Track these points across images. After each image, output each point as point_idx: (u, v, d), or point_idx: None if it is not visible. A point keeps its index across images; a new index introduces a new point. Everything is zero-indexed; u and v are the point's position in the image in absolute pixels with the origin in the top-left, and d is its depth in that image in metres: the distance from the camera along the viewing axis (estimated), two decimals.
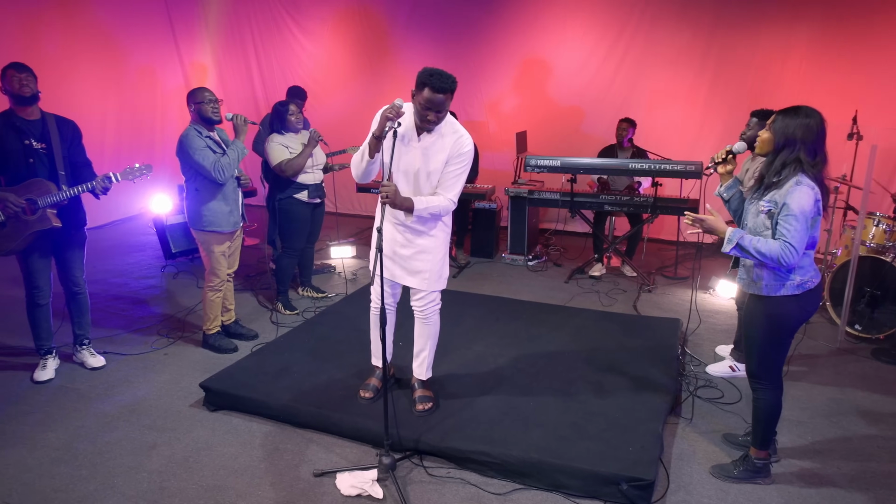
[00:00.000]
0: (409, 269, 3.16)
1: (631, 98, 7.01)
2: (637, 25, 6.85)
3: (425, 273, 3.15)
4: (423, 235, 3.12)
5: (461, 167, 3.00)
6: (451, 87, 2.81)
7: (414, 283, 3.18)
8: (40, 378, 3.83)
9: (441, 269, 3.22)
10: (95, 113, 7.57)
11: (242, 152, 3.95)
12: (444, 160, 2.96)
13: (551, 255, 6.66)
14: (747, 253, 2.66)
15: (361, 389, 3.39)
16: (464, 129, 3.02)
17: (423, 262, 3.14)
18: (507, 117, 7.59)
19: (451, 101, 2.86)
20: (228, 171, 3.87)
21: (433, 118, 2.85)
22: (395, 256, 3.16)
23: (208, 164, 3.82)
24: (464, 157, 2.98)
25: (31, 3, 6.66)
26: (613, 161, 5.50)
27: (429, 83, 2.77)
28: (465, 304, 4.86)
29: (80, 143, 3.79)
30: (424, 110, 2.83)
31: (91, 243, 6.96)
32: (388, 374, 3.47)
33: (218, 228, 3.98)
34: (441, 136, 2.96)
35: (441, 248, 3.20)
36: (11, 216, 3.51)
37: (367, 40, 8.00)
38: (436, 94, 2.78)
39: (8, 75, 3.51)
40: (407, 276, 3.18)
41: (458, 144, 2.95)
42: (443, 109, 2.84)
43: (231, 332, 4.44)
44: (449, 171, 2.98)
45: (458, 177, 3.01)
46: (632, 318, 4.73)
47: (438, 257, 3.19)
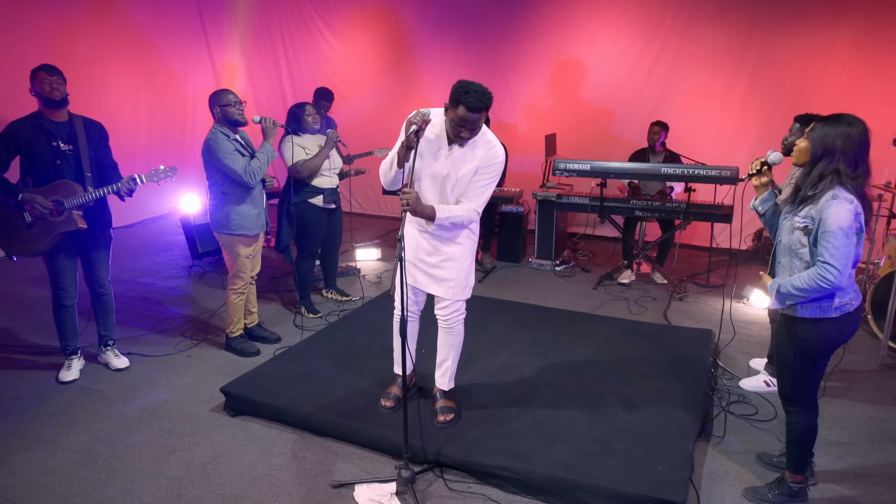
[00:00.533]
0: (435, 277, 3.09)
1: (664, 100, 6.83)
2: (672, 25, 6.68)
3: (451, 282, 3.08)
4: (449, 243, 3.05)
5: (490, 178, 2.92)
6: (487, 104, 2.72)
7: (439, 292, 3.11)
8: (65, 378, 3.85)
9: (467, 277, 3.14)
10: (127, 113, 7.66)
11: (272, 155, 3.92)
12: (474, 169, 2.88)
13: (579, 261, 6.52)
14: (790, 297, 2.52)
15: (382, 398, 3.33)
16: (496, 140, 2.93)
17: (449, 271, 3.07)
18: (537, 119, 7.47)
19: (486, 116, 2.79)
20: (259, 174, 3.85)
21: (467, 135, 2.78)
22: (420, 263, 3.10)
23: (239, 169, 3.80)
24: (494, 167, 2.90)
25: (65, 5, 6.75)
26: (645, 165, 5.35)
27: (464, 101, 2.68)
28: (490, 311, 4.77)
29: (106, 144, 3.80)
30: (458, 127, 2.76)
31: (121, 242, 7.13)
32: (410, 384, 3.41)
33: (246, 232, 3.96)
34: (473, 147, 2.88)
35: (468, 256, 3.12)
36: (38, 217, 3.53)
37: (396, 40, 7.95)
38: (471, 113, 2.69)
39: (39, 78, 3.53)
40: (432, 284, 3.11)
41: (489, 155, 2.87)
42: (477, 127, 2.76)
43: (254, 334, 4.42)
44: (477, 180, 2.90)
45: (486, 187, 2.93)
46: (661, 329, 4.58)
47: (465, 266, 3.11)
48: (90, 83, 7.09)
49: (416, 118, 2.73)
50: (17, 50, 6.26)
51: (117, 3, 7.35)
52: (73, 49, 6.86)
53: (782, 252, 2.65)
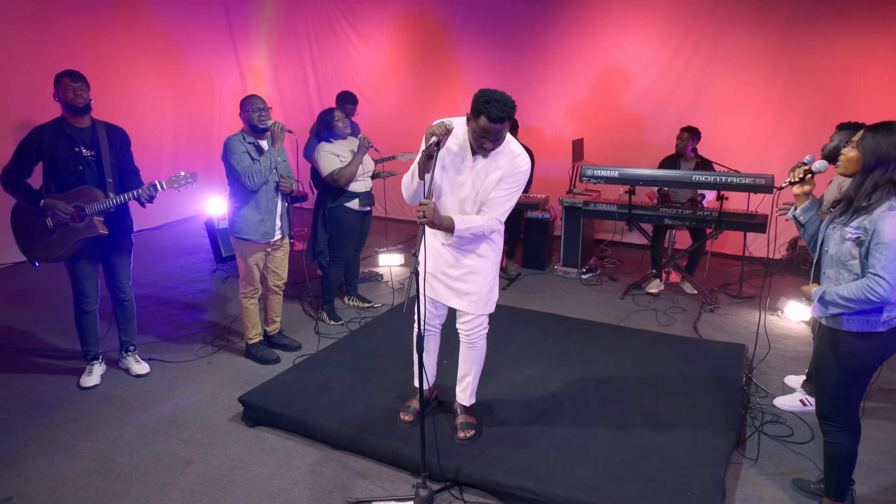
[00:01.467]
0: (456, 291, 2.99)
1: (696, 105, 6.65)
2: (704, 28, 6.49)
3: (473, 296, 2.98)
4: (471, 255, 2.94)
5: (513, 187, 2.81)
6: (510, 114, 2.62)
7: (461, 306, 3.01)
8: (86, 384, 3.84)
9: (490, 291, 3.04)
10: (155, 117, 7.72)
11: (275, 160, 3.89)
12: (497, 180, 2.78)
13: (606, 269, 6.38)
14: (835, 305, 2.41)
15: (402, 412, 3.24)
16: (521, 149, 2.83)
17: (472, 284, 2.97)
18: (564, 123, 7.34)
19: (509, 127, 2.69)
20: (259, 178, 3.82)
21: (490, 146, 2.69)
22: (441, 276, 3.00)
23: (241, 169, 3.82)
24: (518, 177, 2.79)
25: (94, 11, 6.81)
26: (676, 172, 5.19)
27: (485, 112, 2.58)
28: (513, 321, 4.66)
29: (128, 150, 3.79)
30: (480, 138, 2.66)
31: (147, 245, 7.17)
32: (431, 398, 3.32)
33: (246, 236, 3.94)
34: (496, 157, 2.78)
35: (491, 269, 3.02)
36: (60, 223, 3.53)
37: (421, 44, 7.88)
38: (493, 123, 2.59)
39: (63, 84, 3.52)
40: (453, 298, 3.01)
41: (513, 165, 2.77)
42: (500, 138, 2.67)
43: (274, 342, 4.38)
44: (500, 189, 2.80)
45: (508, 197, 2.83)
46: (691, 342, 4.43)
47: (488, 279, 3.00)
48: (118, 87, 7.15)
49: (438, 129, 2.65)
50: (48, 55, 6.34)
51: (146, 9, 7.41)
52: (102, 54, 6.94)
53: (828, 263, 2.52)
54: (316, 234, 4.73)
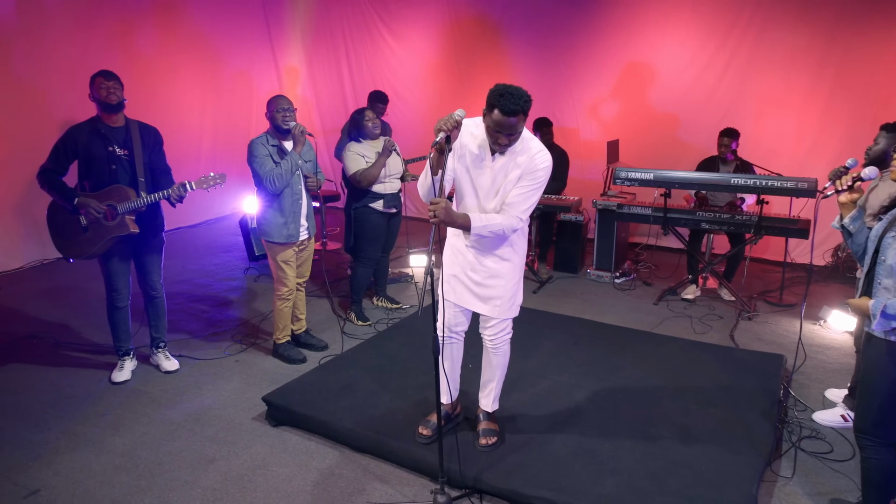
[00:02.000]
0: (480, 295, 2.92)
1: (737, 105, 6.45)
2: (747, 25, 6.28)
3: (497, 300, 2.91)
4: (494, 259, 2.87)
5: (534, 184, 2.73)
6: (524, 108, 2.57)
7: (484, 310, 2.94)
8: (117, 379, 3.92)
9: (514, 295, 2.96)
10: (194, 117, 7.86)
11: (296, 163, 3.88)
12: (517, 177, 2.72)
13: (641, 273, 6.22)
14: None
15: (421, 426, 3.12)
16: (541, 146, 2.76)
17: (495, 288, 2.89)
18: (600, 124, 7.20)
19: (524, 121, 2.63)
20: (280, 181, 3.83)
21: (505, 141, 2.63)
22: (464, 280, 2.94)
23: (262, 173, 3.83)
24: (538, 175, 2.72)
25: (134, 11, 6.97)
26: (714, 176, 5.02)
27: (498, 105, 2.55)
28: (542, 325, 4.58)
29: (161, 149, 3.84)
30: (495, 133, 2.62)
31: (185, 242, 7.31)
32: (453, 413, 3.24)
33: (270, 238, 3.97)
34: (515, 155, 2.72)
35: (515, 273, 2.94)
36: (93, 221, 3.60)
37: (457, 44, 7.84)
38: (506, 117, 2.55)
39: (97, 83, 3.59)
40: (477, 302, 2.94)
41: (533, 162, 2.69)
42: (515, 132, 2.61)
43: (301, 341, 4.40)
44: (520, 186, 2.72)
45: (529, 194, 2.74)
46: (727, 351, 4.28)
47: (512, 283, 2.93)
48: (157, 87, 7.30)
49: (445, 123, 2.56)
50: (91, 57, 6.50)
51: (185, 9, 7.54)
52: (141, 54, 7.08)
53: (886, 273, 2.37)
54: (349, 231, 4.78)
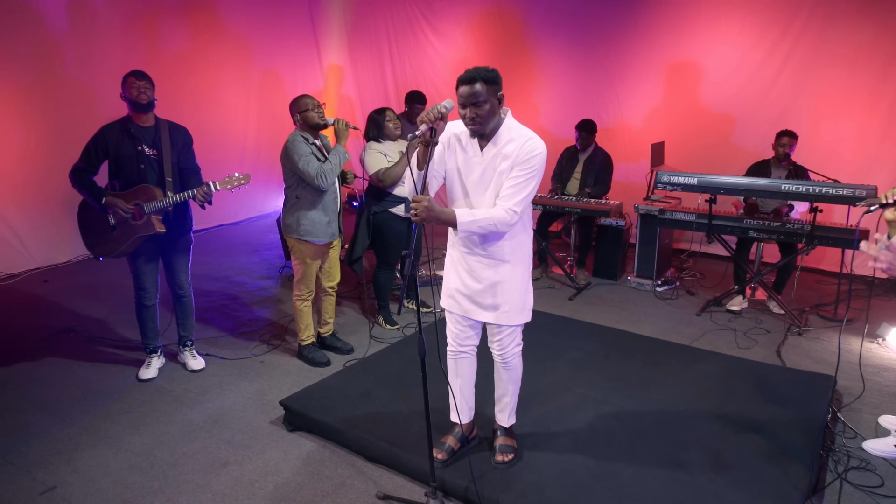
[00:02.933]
0: (484, 304, 2.75)
1: (793, 106, 6.09)
2: (806, 22, 5.92)
3: (504, 306, 2.73)
4: (493, 262, 2.69)
5: (527, 173, 2.51)
6: (481, 74, 2.45)
7: (490, 318, 2.76)
8: (144, 376, 3.96)
9: (523, 301, 2.78)
10: (238, 117, 7.97)
11: (344, 157, 3.82)
12: (509, 168, 2.54)
13: (684, 281, 5.95)
14: None
15: (436, 449, 2.89)
16: (532, 133, 2.58)
17: (500, 295, 2.72)
18: (646, 125, 6.93)
19: (493, 94, 2.47)
20: (331, 177, 3.76)
21: (470, 114, 2.48)
22: (465, 289, 2.77)
23: (312, 171, 3.73)
24: (531, 162, 2.51)
25: (177, 11, 7.09)
26: (763, 181, 4.72)
27: (458, 80, 2.49)
28: (573, 334, 4.40)
29: (190, 149, 3.85)
30: (461, 109, 2.50)
31: (226, 239, 7.42)
32: (469, 436, 3.07)
33: (314, 239, 3.89)
34: (504, 143, 2.55)
35: (520, 277, 2.74)
36: (121, 221, 3.63)
37: (500, 42, 7.69)
38: (463, 85, 2.47)
39: (128, 82, 3.62)
40: (482, 312, 2.77)
41: (525, 148, 2.50)
42: (478, 103, 2.46)
43: (327, 343, 4.35)
44: (511, 178, 2.53)
45: (522, 184, 2.51)
46: (772, 370, 4.01)
47: (518, 289, 2.74)
48: (201, 88, 7.42)
49: (426, 115, 2.42)
50: (136, 57, 6.65)
51: (229, 10, 7.64)
52: (185, 54, 7.21)
53: None
54: (356, 238, 4.58)
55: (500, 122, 2.58)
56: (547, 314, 4.80)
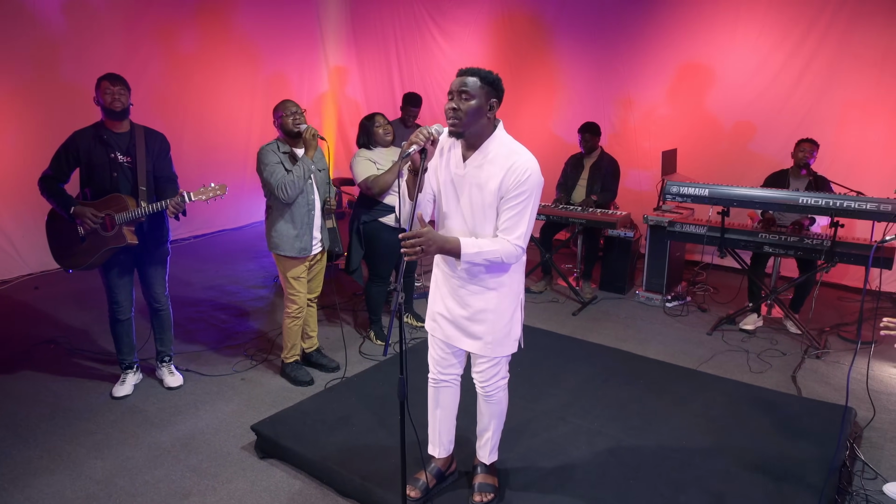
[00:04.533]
0: (467, 331, 2.51)
1: (816, 112, 5.75)
2: (830, 23, 5.58)
3: (487, 336, 2.49)
4: (480, 289, 2.44)
5: (523, 199, 2.27)
6: (480, 72, 2.25)
7: (473, 348, 2.52)
8: (117, 394, 3.77)
9: (509, 330, 2.52)
10: (241, 119, 7.81)
11: (309, 169, 3.60)
12: (497, 188, 2.29)
13: (696, 297, 5.65)
14: None
15: (409, 485, 2.69)
16: (521, 147, 2.34)
17: (484, 323, 2.48)
18: (659, 131, 6.63)
19: (485, 95, 2.25)
20: (293, 189, 3.55)
21: (453, 104, 2.25)
22: (449, 314, 2.54)
23: (274, 181, 3.55)
24: (526, 185, 2.26)
25: (178, 12, 6.94)
26: (779, 193, 4.41)
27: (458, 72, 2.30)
28: (572, 356, 4.14)
29: (166, 156, 3.66)
30: (448, 103, 2.28)
31: (224, 245, 7.26)
32: (446, 471, 2.83)
33: (281, 252, 3.71)
34: (489, 158, 2.31)
35: (507, 305, 2.49)
36: (90, 232, 3.45)
37: (510, 45, 7.43)
38: (457, 77, 2.27)
39: (102, 87, 3.44)
40: (464, 339, 2.53)
41: (513, 171, 2.25)
42: (466, 94, 2.23)
43: (311, 360, 4.15)
44: (508, 209, 2.29)
45: (521, 213, 2.29)
46: (785, 399, 3.70)
47: (503, 318, 2.49)
48: (204, 89, 7.28)
49: (416, 136, 2.22)
50: (137, 59, 6.52)
51: (232, 10, 7.48)
52: (188, 55, 7.07)
53: None
54: (351, 248, 4.38)
55: (489, 133, 2.34)
56: (547, 332, 4.54)
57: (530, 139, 7.46)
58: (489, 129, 2.33)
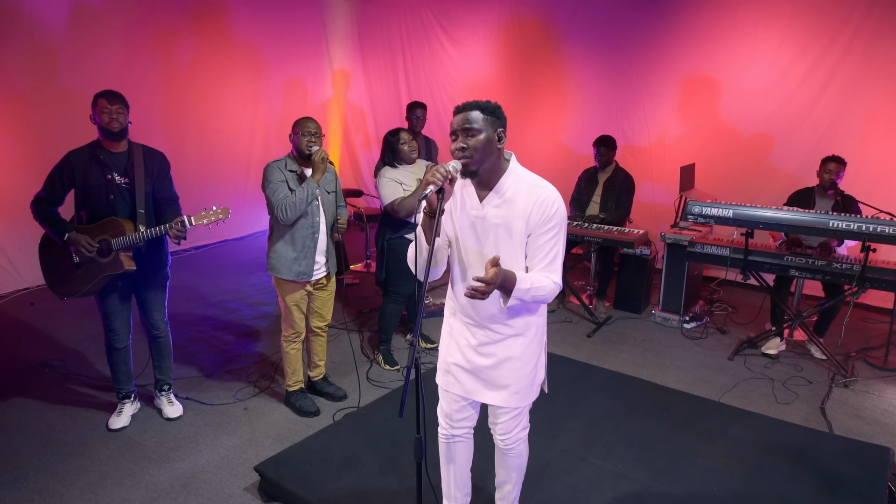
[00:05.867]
0: (489, 382, 2.32)
1: (838, 126, 5.55)
2: (855, 33, 5.38)
3: (513, 387, 2.31)
4: (504, 339, 2.26)
5: (553, 235, 2.12)
6: (479, 104, 2.09)
7: (497, 400, 2.33)
8: (114, 426, 3.59)
9: (533, 376, 2.35)
10: (244, 126, 7.62)
11: (313, 192, 3.42)
12: (523, 229, 2.12)
13: (715, 317, 5.45)
14: None
15: None
16: (540, 179, 2.18)
17: (510, 372, 2.29)
18: (674, 143, 6.43)
19: (491, 126, 2.09)
20: (293, 211, 3.38)
21: (460, 143, 2.08)
22: (468, 365, 2.34)
23: (275, 200, 3.39)
24: (554, 219, 2.11)
25: (180, 18, 6.76)
26: (808, 217, 4.19)
27: (454, 110, 2.13)
28: (588, 385, 3.95)
29: (166, 176, 3.48)
30: (453, 142, 2.11)
31: (226, 256, 7.08)
32: None
33: (278, 274, 3.54)
34: (510, 194, 2.14)
35: (534, 351, 2.33)
36: (85, 259, 3.27)
37: (520, 52, 7.23)
38: (456, 114, 2.10)
39: (99, 105, 3.25)
40: (485, 391, 2.34)
41: (539, 206, 2.10)
42: (471, 131, 2.05)
43: (317, 388, 3.97)
44: (538, 245, 2.13)
45: (555, 248, 2.14)
46: (818, 437, 3.50)
47: (530, 365, 2.32)
48: (205, 97, 7.10)
49: (433, 175, 2.02)
50: (137, 67, 6.34)
51: (234, 15, 7.29)
52: (189, 62, 6.89)
53: None
54: (381, 264, 4.28)
55: (503, 169, 2.16)
56: (563, 358, 4.35)
57: (540, 150, 7.31)
58: (503, 164, 2.17)
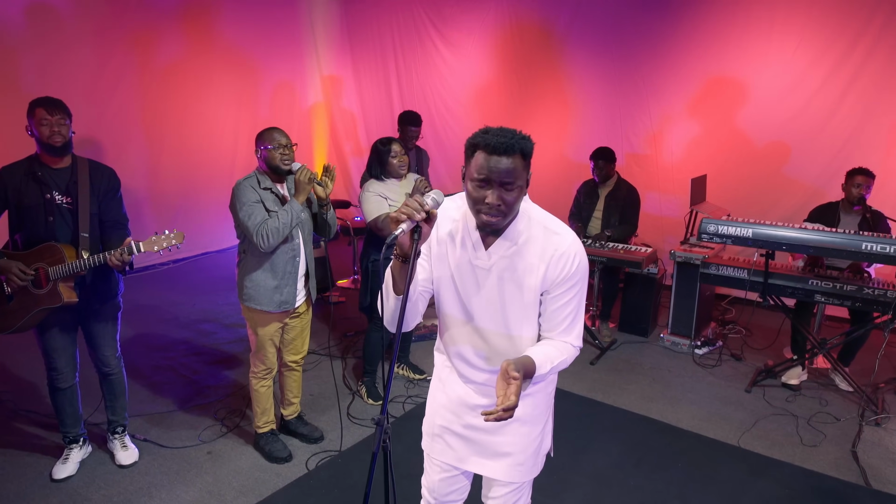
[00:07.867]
0: (487, 449, 1.93)
1: (860, 134, 5.16)
2: (880, 33, 4.98)
3: (518, 456, 1.91)
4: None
5: (575, 293, 1.75)
6: (523, 145, 1.63)
7: (493, 472, 1.94)
8: (58, 475, 3.17)
9: (540, 442, 1.97)
10: (227, 132, 7.21)
11: (298, 216, 3.01)
12: (538, 286, 1.73)
13: (729, 341, 5.04)
14: None
15: None
16: (556, 223, 1.77)
17: (514, 438, 1.90)
18: (683, 151, 6.03)
19: (526, 172, 1.66)
20: (275, 237, 2.96)
21: (495, 199, 1.62)
22: (462, 426, 1.95)
23: (251, 225, 2.96)
24: (574, 278, 1.73)
25: (158, 18, 6.34)
26: (837, 238, 3.75)
27: (482, 143, 1.62)
28: (596, 425, 3.54)
29: (115, 196, 3.07)
30: (479, 189, 1.64)
31: (205, 271, 6.65)
32: None
33: (257, 306, 3.11)
34: (524, 245, 1.73)
35: (542, 413, 1.95)
36: (17, 290, 2.86)
37: (518, 55, 6.83)
38: (493, 156, 1.60)
39: (37, 116, 2.85)
40: (483, 461, 1.94)
41: (558, 261, 1.70)
42: (511, 185, 1.62)
43: (291, 428, 3.56)
44: (558, 305, 1.74)
45: (576, 310, 1.77)
46: (855, 492, 3.09)
47: (537, 429, 1.94)
48: (186, 101, 6.70)
49: (406, 208, 1.59)
50: (110, 70, 5.94)
51: (217, 16, 6.88)
52: (168, 65, 6.48)
53: None
54: (366, 287, 3.87)
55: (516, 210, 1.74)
56: (566, 393, 3.95)
57: (539, 160, 6.85)
58: None
